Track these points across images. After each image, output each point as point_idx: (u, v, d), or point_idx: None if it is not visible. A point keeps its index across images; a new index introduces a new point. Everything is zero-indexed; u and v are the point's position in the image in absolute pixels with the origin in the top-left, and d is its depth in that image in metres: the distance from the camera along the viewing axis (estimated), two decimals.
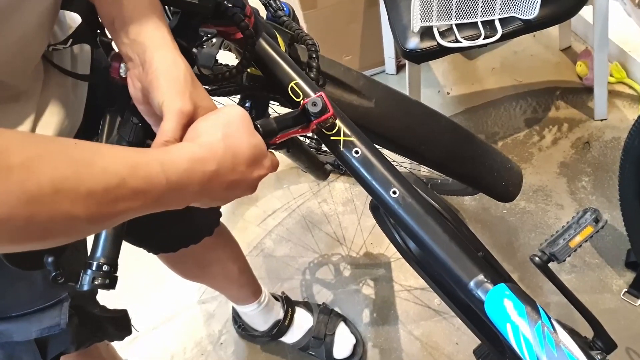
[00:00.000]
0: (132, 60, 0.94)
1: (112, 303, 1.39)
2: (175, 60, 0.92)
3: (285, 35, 1.32)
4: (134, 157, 0.71)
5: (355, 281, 2.53)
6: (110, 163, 0.67)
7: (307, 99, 1.02)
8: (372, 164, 1.05)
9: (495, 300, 0.91)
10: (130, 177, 0.68)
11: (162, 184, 0.72)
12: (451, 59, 3.29)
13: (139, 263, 1.65)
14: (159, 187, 0.72)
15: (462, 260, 0.98)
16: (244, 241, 2.74)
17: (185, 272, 1.98)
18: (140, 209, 0.72)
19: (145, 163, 0.71)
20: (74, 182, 0.63)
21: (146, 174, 0.71)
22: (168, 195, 0.74)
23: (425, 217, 1.02)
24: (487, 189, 1.72)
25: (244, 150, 0.86)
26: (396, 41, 2.32)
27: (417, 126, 1.55)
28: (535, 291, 2.31)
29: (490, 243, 2.47)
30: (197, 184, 0.78)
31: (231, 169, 0.83)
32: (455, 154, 1.62)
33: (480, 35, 2.16)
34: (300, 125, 1.02)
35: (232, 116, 0.89)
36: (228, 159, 0.83)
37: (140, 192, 0.70)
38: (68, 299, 1.21)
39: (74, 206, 0.63)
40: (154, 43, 0.92)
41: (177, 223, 1.57)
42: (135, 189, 0.69)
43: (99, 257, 0.88)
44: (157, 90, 0.89)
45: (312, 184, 2.90)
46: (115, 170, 0.67)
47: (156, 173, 0.72)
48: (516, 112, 2.94)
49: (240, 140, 0.86)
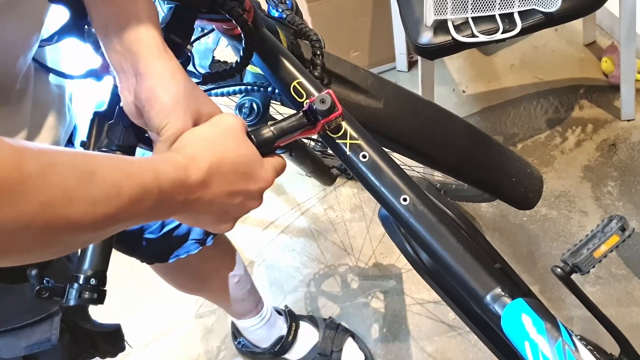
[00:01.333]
0: (124, 71, 0.94)
1: (102, 318, 1.39)
2: (173, 72, 0.92)
3: (287, 31, 1.32)
4: (128, 167, 0.73)
5: (363, 294, 2.52)
6: (108, 173, 0.69)
7: (312, 98, 1.02)
8: (380, 169, 1.05)
9: (513, 315, 0.91)
10: (127, 186, 0.70)
11: (155, 193, 0.74)
12: (467, 54, 3.29)
13: (131, 274, 1.65)
14: (151, 196, 0.73)
15: (478, 272, 0.97)
16: (245, 251, 2.74)
17: (182, 283, 1.97)
18: (134, 219, 0.73)
19: (138, 173, 0.73)
20: (81, 192, 0.64)
21: (141, 183, 0.72)
22: (159, 205, 0.75)
23: (438, 226, 1.01)
24: (505, 196, 1.72)
25: (232, 160, 0.87)
26: (408, 36, 2.32)
27: (429, 128, 1.54)
28: (557, 304, 2.30)
29: (509, 253, 2.46)
30: (183, 193, 0.79)
31: (218, 179, 0.85)
32: (470, 157, 1.62)
33: (498, 29, 2.15)
34: (304, 127, 1.02)
35: (221, 126, 0.90)
36: (213, 169, 0.84)
37: (135, 201, 0.71)
38: (59, 312, 1.21)
39: (82, 216, 0.65)
40: (149, 54, 0.92)
41: (169, 232, 1.57)
42: (131, 198, 0.70)
43: (87, 270, 0.88)
44: (155, 111, 0.90)
45: (317, 189, 2.90)
46: (113, 180, 0.69)
47: (150, 182, 0.73)
48: (537, 112, 2.93)
49: (228, 150, 0.87)
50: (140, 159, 0.77)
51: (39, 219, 0.61)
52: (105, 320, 1.41)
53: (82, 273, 0.89)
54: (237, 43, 1.17)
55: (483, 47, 3.28)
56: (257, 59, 1.18)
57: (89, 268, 0.89)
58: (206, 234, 1.72)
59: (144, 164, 0.75)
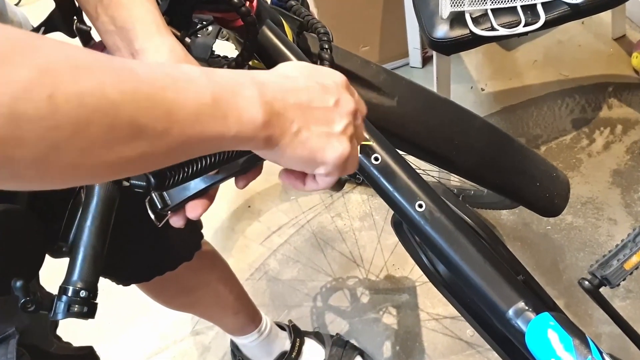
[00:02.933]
0: (120, 50, 0.94)
1: (89, 336, 1.38)
2: (171, 47, 0.92)
3: (293, 23, 1.32)
4: (217, 73, 0.70)
5: (374, 308, 2.52)
6: (188, 73, 0.66)
7: None
8: (394, 172, 1.05)
9: (538, 331, 0.91)
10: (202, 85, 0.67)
11: (258, 106, 0.71)
12: (486, 49, 3.29)
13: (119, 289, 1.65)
14: (253, 109, 0.70)
15: (499, 284, 0.97)
16: (245, 262, 2.74)
17: (169, 300, 1.97)
18: (220, 141, 0.69)
19: (238, 82, 0.70)
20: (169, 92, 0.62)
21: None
22: (268, 122, 0.72)
23: (456, 234, 1.01)
24: (529, 202, 1.72)
25: (323, 73, 0.84)
26: (422, 29, 2.32)
27: (446, 128, 1.54)
28: (585, 320, 2.30)
29: (532, 264, 2.46)
30: (291, 107, 0.76)
31: (316, 89, 0.80)
32: (491, 160, 1.62)
33: (520, 21, 2.15)
34: None
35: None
36: (311, 80, 0.80)
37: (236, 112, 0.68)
38: (16, 335, 1.19)
39: (150, 120, 0.61)
40: (145, 30, 0.92)
41: (149, 249, 1.56)
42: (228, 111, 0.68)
43: (76, 281, 0.88)
44: None
45: (324, 195, 2.90)
46: (201, 82, 0.66)
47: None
48: (562, 112, 2.93)
49: (316, 68, 0.85)
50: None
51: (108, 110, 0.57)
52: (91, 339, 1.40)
53: (71, 284, 0.88)
54: (239, 36, 1.17)
55: (503, 42, 3.28)
56: (259, 53, 1.18)
57: (78, 279, 0.89)
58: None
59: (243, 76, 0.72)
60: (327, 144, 0.80)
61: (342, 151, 0.81)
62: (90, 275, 0.90)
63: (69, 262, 0.91)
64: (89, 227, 0.96)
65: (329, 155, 0.80)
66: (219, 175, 0.94)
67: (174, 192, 0.93)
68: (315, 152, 0.79)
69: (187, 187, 0.93)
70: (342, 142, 0.81)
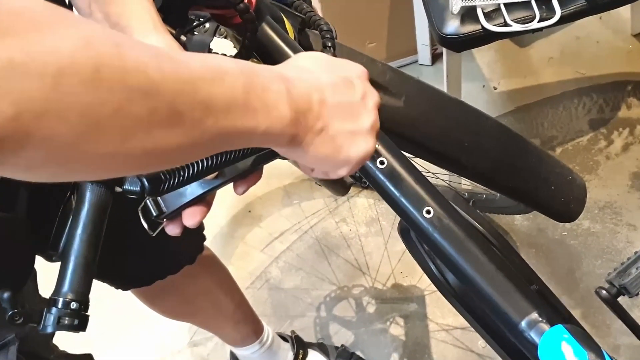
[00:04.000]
0: None
1: (79, 347, 1.38)
2: (170, 47, 0.91)
3: (294, 19, 1.32)
4: (248, 65, 0.70)
5: (381, 319, 2.52)
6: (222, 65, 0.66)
7: None
8: (400, 176, 1.05)
9: (552, 344, 0.91)
10: (250, 88, 0.67)
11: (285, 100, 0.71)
12: (499, 46, 3.28)
13: (115, 296, 1.65)
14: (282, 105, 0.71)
15: (512, 294, 0.97)
16: (245, 270, 2.74)
17: (167, 308, 1.97)
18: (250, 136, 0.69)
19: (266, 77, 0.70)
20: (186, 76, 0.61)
21: (266, 88, 0.69)
22: (296, 119, 0.72)
23: (466, 242, 1.01)
24: (543, 206, 1.72)
25: (344, 66, 0.85)
26: (431, 25, 2.32)
27: (456, 129, 1.54)
28: (602, 331, 2.29)
29: (547, 273, 2.46)
30: (317, 104, 0.76)
31: (340, 84, 0.81)
32: (503, 163, 1.62)
33: (535, 17, 2.15)
34: None
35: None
36: (333, 74, 0.81)
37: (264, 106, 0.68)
38: (15, 341, 1.20)
39: (188, 108, 0.61)
40: (141, 27, 0.92)
41: (150, 251, 1.56)
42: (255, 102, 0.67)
43: (66, 292, 0.88)
44: None
45: (328, 199, 2.90)
46: (234, 74, 0.66)
47: (278, 89, 0.70)
48: (578, 112, 2.93)
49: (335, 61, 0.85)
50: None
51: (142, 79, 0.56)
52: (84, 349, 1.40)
53: (61, 296, 0.88)
54: (237, 33, 1.17)
55: (517, 38, 3.28)
56: (259, 52, 1.18)
57: (69, 290, 0.89)
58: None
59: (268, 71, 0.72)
60: (352, 142, 0.81)
61: (367, 149, 0.82)
62: (81, 285, 0.89)
63: (59, 271, 0.91)
64: (80, 235, 0.96)
65: (353, 154, 0.81)
66: (218, 179, 0.94)
67: (169, 198, 0.93)
68: (339, 151, 0.80)
69: (183, 193, 0.93)
70: (367, 140, 0.82)
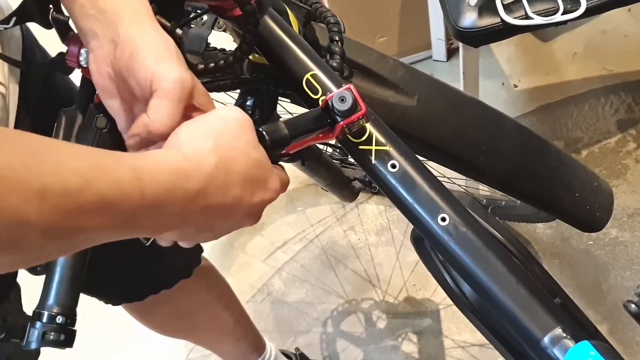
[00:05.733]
0: (98, 37, 0.90)
1: None
2: (162, 33, 0.90)
3: (299, 11, 1.32)
4: (99, 157, 0.70)
5: (392, 335, 2.52)
6: (69, 159, 0.66)
7: (330, 94, 1.01)
8: (414, 181, 1.05)
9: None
10: (96, 180, 0.66)
11: (136, 197, 0.70)
12: (519, 40, 3.28)
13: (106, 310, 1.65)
14: (131, 200, 0.70)
15: (534, 308, 0.97)
16: (246, 282, 2.74)
17: (161, 325, 1.96)
18: (106, 230, 0.70)
19: (114, 167, 0.69)
20: (24, 173, 0.61)
21: (116, 180, 0.69)
22: (142, 214, 0.72)
23: (484, 251, 1.01)
24: (567, 214, 1.72)
25: (241, 167, 0.84)
26: (447, 17, 2.32)
27: (473, 131, 1.54)
28: (631, 348, 2.29)
29: (572, 285, 2.46)
30: (178, 203, 0.76)
31: (222, 189, 0.82)
32: (524, 167, 1.62)
33: (558, 9, 2.15)
34: (321, 129, 1.01)
35: (227, 121, 0.87)
36: (219, 176, 0.81)
37: (108, 203, 0.68)
38: (2, 358, 1.20)
39: (24, 203, 0.60)
40: (130, 15, 0.89)
41: (143, 263, 1.56)
42: (102, 198, 0.67)
43: (52, 306, 0.88)
44: (142, 63, 0.86)
45: (335, 206, 2.90)
46: (75, 168, 0.65)
47: (128, 181, 0.70)
48: (605, 112, 2.93)
49: (237, 153, 0.85)
50: (116, 152, 0.74)
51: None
52: None
53: (46, 309, 0.88)
54: (237, 26, 1.17)
55: (539, 32, 3.28)
56: (261, 46, 1.18)
57: (54, 303, 0.88)
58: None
59: (122, 159, 0.72)
60: (204, 238, 0.90)
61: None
62: (68, 298, 0.89)
63: (43, 283, 0.90)
64: None
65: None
66: None
67: None
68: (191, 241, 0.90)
69: None
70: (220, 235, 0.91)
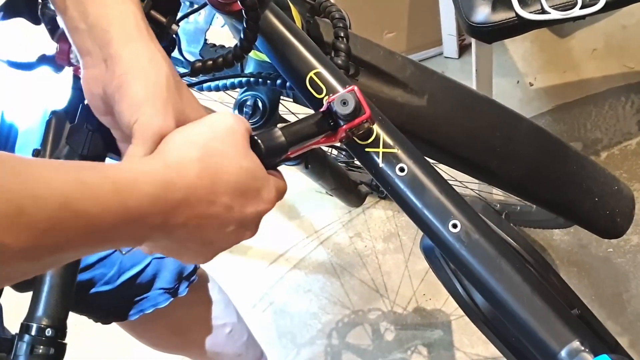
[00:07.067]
0: (90, 54, 0.92)
1: None
2: (153, 56, 0.90)
3: (302, 6, 1.32)
4: (80, 172, 0.70)
5: (401, 347, 2.52)
6: (47, 176, 0.66)
7: (333, 96, 1.01)
8: (423, 186, 1.05)
9: None
10: (76, 197, 0.67)
11: (116, 212, 0.71)
12: (535, 36, 3.28)
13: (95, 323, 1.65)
14: (112, 214, 0.71)
15: (550, 320, 0.97)
16: (247, 291, 2.74)
17: (157, 341, 1.96)
18: (86, 245, 0.71)
19: (94, 182, 0.70)
20: (3, 195, 0.61)
21: (96, 196, 0.69)
22: (122, 228, 0.73)
23: (497, 259, 1.01)
24: (585, 220, 1.71)
25: (230, 176, 0.85)
26: (458, 12, 2.32)
27: (486, 132, 1.54)
28: None
29: (590, 294, 2.45)
30: (160, 214, 0.77)
31: (207, 199, 0.82)
32: (540, 170, 1.62)
33: (577, 3, 2.14)
34: (323, 133, 1.01)
35: (217, 128, 0.87)
36: (203, 185, 0.81)
37: (87, 220, 0.68)
38: None
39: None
40: (123, 32, 0.90)
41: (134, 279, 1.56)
42: (81, 215, 0.67)
43: (41, 317, 0.88)
44: (127, 103, 0.87)
45: (340, 211, 2.90)
46: (54, 187, 0.66)
47: (109, 196, 0.70)
48: (626, 111, 2.92)
49: (226, 162, 0.85)
50: (96, 165, 0.75)
51: None
52: None
53: (35, 321, 0.88)
54: (237, 22, 1.17)
55: (556, 27, 3.28)
56: (262, 43, 1.18)
57: (44, 315, 0.89)
58: (178, 280, 1.71)
59: (103, 172, 0.73)
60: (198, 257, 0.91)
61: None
62: (58, 310, 0.89)
63: (32, 294, 0.90)
64: None
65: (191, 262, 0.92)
66: None
67: None
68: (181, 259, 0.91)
69: None
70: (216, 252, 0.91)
